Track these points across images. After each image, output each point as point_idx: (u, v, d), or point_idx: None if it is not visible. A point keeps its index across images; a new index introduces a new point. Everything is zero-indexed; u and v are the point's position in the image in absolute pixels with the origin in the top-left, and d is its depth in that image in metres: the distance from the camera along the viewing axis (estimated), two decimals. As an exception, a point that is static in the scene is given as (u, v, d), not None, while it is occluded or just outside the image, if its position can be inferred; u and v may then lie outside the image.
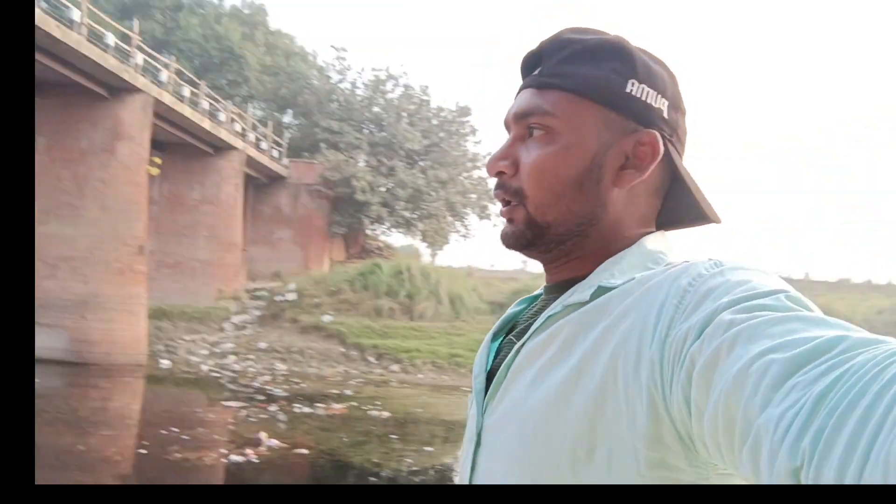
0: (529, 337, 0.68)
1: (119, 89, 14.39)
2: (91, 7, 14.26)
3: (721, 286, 0.54)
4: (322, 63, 27.35)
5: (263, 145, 22.63)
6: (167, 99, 15.90)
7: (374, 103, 25.43)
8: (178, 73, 18.05)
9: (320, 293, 18.89)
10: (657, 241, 0.69)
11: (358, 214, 23.40)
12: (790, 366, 0.43)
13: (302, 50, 30.53)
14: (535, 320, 0.70)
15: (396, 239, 27.87)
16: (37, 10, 10.84)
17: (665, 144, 0.68)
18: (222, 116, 19.33)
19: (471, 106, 26.10)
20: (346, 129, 24.21)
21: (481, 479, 0.68)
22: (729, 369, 0.46)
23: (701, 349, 0.50)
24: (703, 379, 0.49)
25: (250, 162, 20.96)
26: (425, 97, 25.70)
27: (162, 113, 15.98)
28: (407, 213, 24.68)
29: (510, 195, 0.69)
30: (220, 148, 19.40)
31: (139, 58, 15.31)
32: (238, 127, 20.79)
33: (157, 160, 16.59)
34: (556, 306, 0.66)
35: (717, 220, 0.72)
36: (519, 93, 0.72)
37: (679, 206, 0.71)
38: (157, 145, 17.32)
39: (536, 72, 0.70)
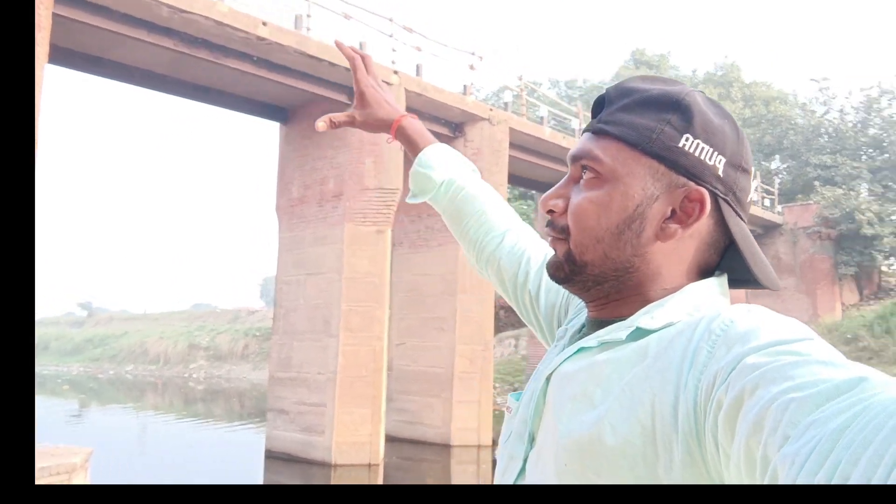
0: (560, 364, 0.75)
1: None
2: (586, 113, 18.68)
3: (750, 332, 0.58)
4: (804, 100, 27.80)
5: (753, 197, 23.98)
6: None
7: (869, 125, 24.64)
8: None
9: (835, 342, 18.48)
10: (703, 289, 0.71)
11: (868, 251, 22.56)
12: (809, 404, 0.45)
13: (780, 93, 31.63)
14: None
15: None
16: (545, 128, 15.01)
17: (718, 202, 0.71)
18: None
19: None
20: (841, 161, 23.89)
21: None
22: (750, 411, 0.49)
23: (727, 393, 0.53)
24: (728, 422, 0.52)
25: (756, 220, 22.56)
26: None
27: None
28: (931, 241, 22.68)
29: (557, 232, 0.76)
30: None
31: None
32: (755, 197, 22.59)
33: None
34: (590, 340, 0.72)
35: (773, 287, 0.75)
36: (582, 134, 0.78)
37: (736, 266, 0.74)
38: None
39: (598, 117, 0.75)
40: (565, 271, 0.76)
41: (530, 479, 0.73)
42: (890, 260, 23.43)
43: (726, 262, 0.75)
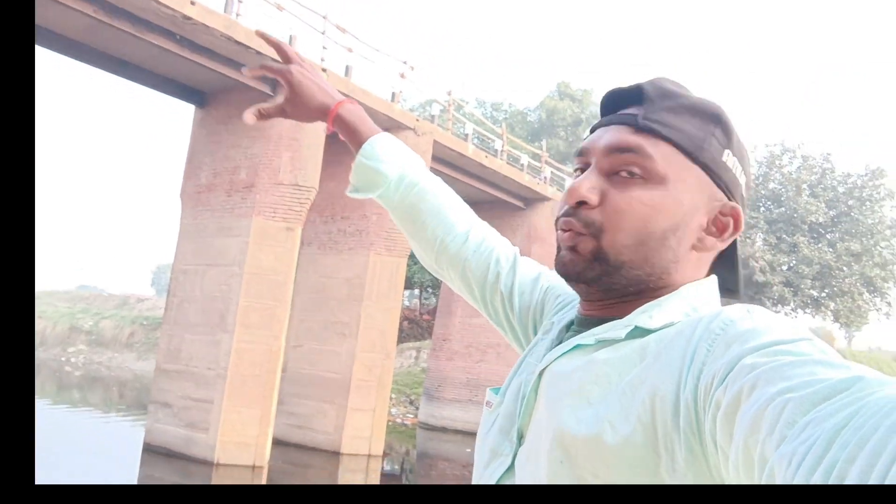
0: (554, 361, 0.74)
1: (532, 200, 18.20)
2: (509, 136, 19.08)
3: (748, 332, 0.58)
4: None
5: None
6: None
7: (770, 179, 25.88)
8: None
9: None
10: (700, 290, 0.73)
11: (758, 296, 23.45)
12: (806, 404, 0.45)
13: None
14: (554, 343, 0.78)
15: (804, 321, 27.24)
16: (469, 145, 15.23)
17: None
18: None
19: (885, 167, 24.66)
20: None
21: None
22: (748, 411, 0.49)
23: (724, 393, 0.53)
24: (727, 423, 0.52)
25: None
26: (828, 164, 25.33)
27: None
28: (814, 293, 24.29)
29: (583, 226, 0.72)
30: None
31: (547, 171, 19.43)
32: None
33: (564, 256, 20.42)
34: (587, 338, 0.72)
35: (742, 295, 0.79)
36: (604, 125, 0.76)
37: (719, 275, 0.77)
38: (564, 244, 21.21)
39: (636, 111, 0.73)
40: (595, 271, 0.73)
41: (520, 476, 0.73)
42: (777, 307, 24.71)
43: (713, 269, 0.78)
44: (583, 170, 0.77)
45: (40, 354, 31.42)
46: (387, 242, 13.03)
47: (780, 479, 0.43)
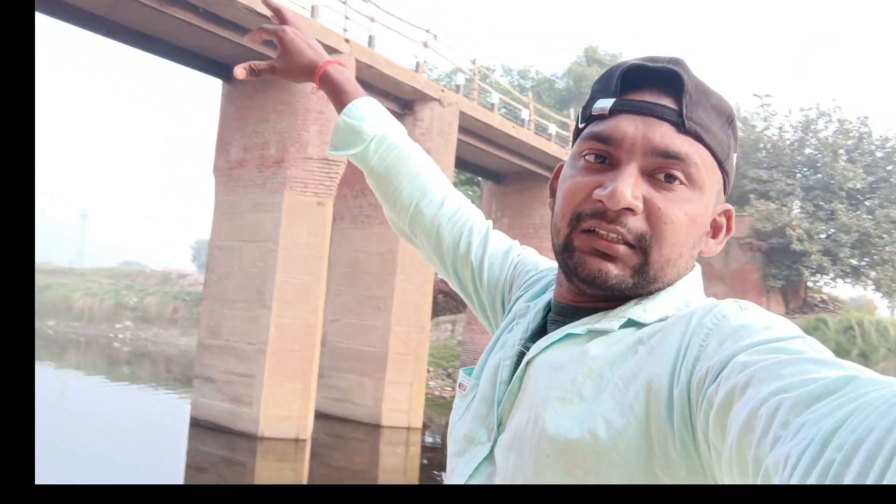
0: (543, 350, 0.70)
1: None
2: (536, 105, 18.79)
3: (741, 328, 0.57)
4: (745, 114, 28.50)
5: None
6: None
7: (806, 145, 25.43)
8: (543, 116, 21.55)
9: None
10: (690, 284, 0.71)
11: (796, 266, 23.26)
12: (800, 404, 0.44)
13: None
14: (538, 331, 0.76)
15: (844, 290, 26.63)
16: (496, 115, 15.09)
17: None
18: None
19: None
20: (776, 177, 24.62)
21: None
22: (741, 411, 0.48)
23: (717, 391, 0.52)
24: (719, 421, 0.51)
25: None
26: (865, 129, 24.76)
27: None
28: (854, 261, 23.69)
29: (634, 237, 0.66)
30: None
31: None
32: None
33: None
34: (578, 327, 0.69)
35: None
36: (636, 112, 0.68)
37: None
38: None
39: (673, 105, 0.67)
40: (628, 284, 0.68)
41: (501, 467, 0.70)
42: (816, 276, 24.28)
43: None
44: (597, 155, 0.70)
45: (89, 331, 32.14)
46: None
47: (776, 481, 0.42)
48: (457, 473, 0.73)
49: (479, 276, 0.96)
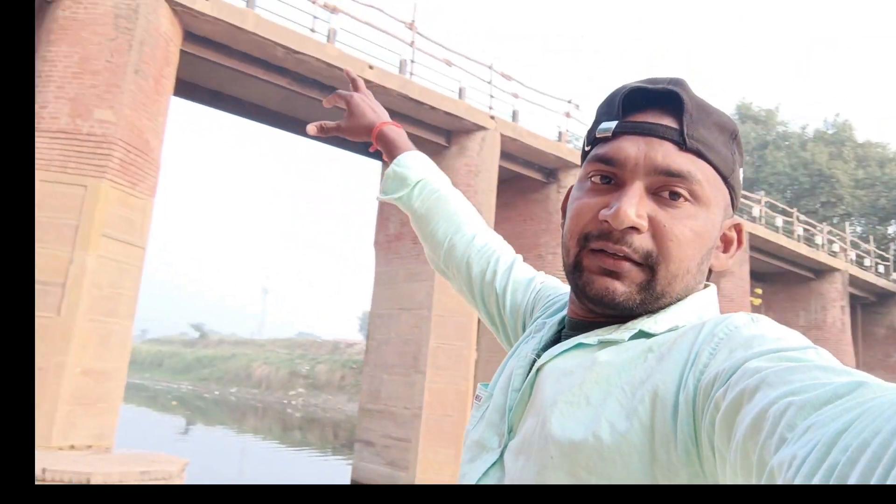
0: (554, 358, 0.71)
1: None
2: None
3: (753, 338, 0.57)
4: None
5: (866, 262, 22.79)
6: (761, 232, 18.08)
7: None
8: (771, 206, 20.47)
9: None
10: (705, 297, 0.71)
11: None
12: (808, 407, 0.44)
13: (897, 155, 29.75)
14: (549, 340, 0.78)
15: None
16: None
17: None
18: (818, 239, 20.62)
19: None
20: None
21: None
22: (748, 414, 0.48)
23: (725, 395, 0.52)
24: (726, 424, 0.51)
25: (854, 281, 21.34)
26: None
27: (759, 246, 18.31)
28: None
29: (640, 255, 0.67)
30: (821, 271, 20.46)
31: None
32: (836, 247, 21.58)
33: (759, 291, 19.03)
34: (590, 338, 0.69)
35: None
36: (636, 133, 0.69)
37: None
38: (757, 276, 19.81)
39: (674, 124, 0.68)
40: (636, 301, 0.68)
41: (509, 470, 0.70)
42: None
43: None
44: (603, 176, 0.71)
45: (266, 397, 34.13)
46: (564, 281, 12.73)
47: (779, 482, 0.42)
48: (467, 479, 0.74)
49: (503, 302, 0.99)
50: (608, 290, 0.68)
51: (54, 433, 7.11)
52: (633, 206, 0.66)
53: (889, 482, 0.34)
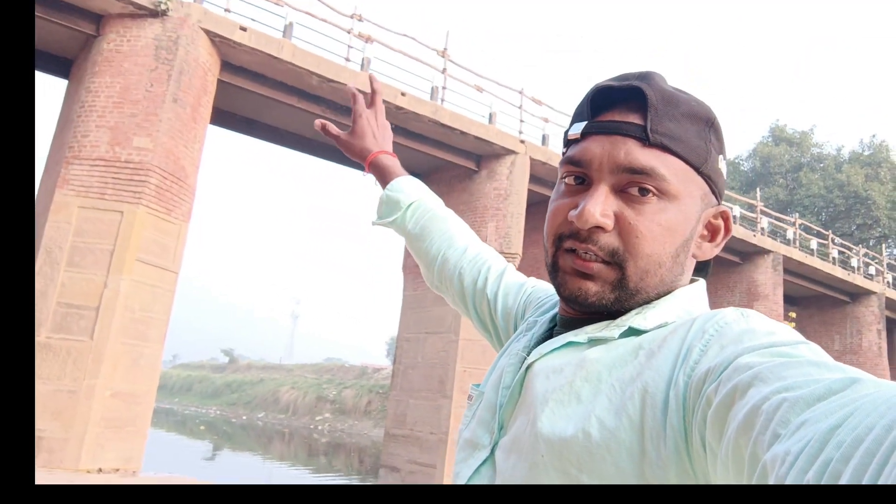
0: (544, 356, 0.72)
1: (750, 254, 17.20)
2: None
3: (744, 333, 0.57)
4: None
5: (904, 285, 22.38)
6: (796, 255, 17.89)
7: None
8: (805, 229, 20.25)
9: None
10: (694, 292, 0.72)
11: None
12: (801, 404, 0.44)
13: (936, 176, 29.26)
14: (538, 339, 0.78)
15: None
16: None
17: None
18: (854, 262, 20.29)
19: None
20: None
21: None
22: (741, 409, 0.48)
23: (717, 390, 0.52)
24: (717, 420, 0.51)
25: (891, 304, 20.99)
26: None
27: (793, 269, 18.09)
28: None
29: (605, 254, 0.68)
30: (856, 294, 20.18)
31: (764, 222, 18.12)
32: (872, 270, 21.27)
33: (793, 314, 18.77)
34: (580, 335, 0.70)
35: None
36: (601, 132, 0.70)
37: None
38: (791, 300, 19.57)
39: (639, 120, 0.69)
40: (609, 300, 0.69)
41: (500, 468, 0.70)
42: None
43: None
44: (576, 177, 0.72)
45: (293, 422, 34.24)
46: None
47: (772, 478, 0.42)
48: (459, 477, 0.75)
49: (494, 307, 1.01)
50: (581, 291, 0.69)
51: (83, 455, 7.27)
52: (598, 206, 0.68)
53: (883, 478, 0.34)
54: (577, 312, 0.74)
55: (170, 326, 8.49)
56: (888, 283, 21.56)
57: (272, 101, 9.70)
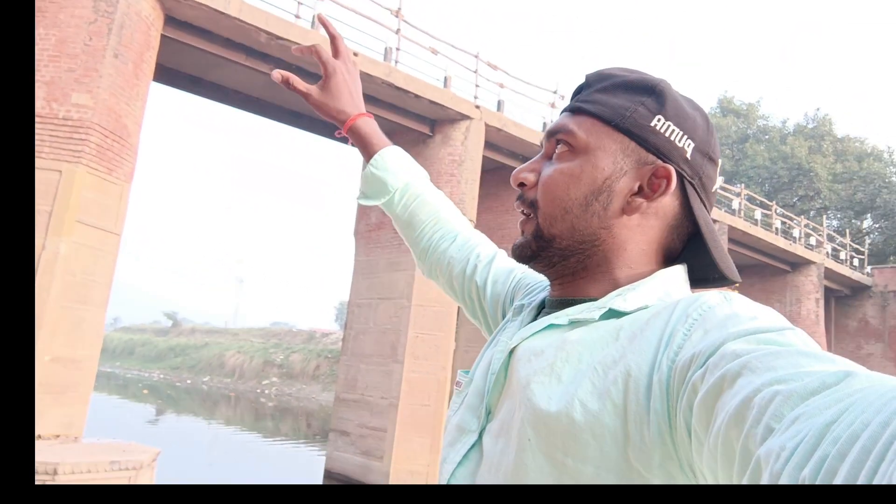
0: (526, 340, 0.73)
1: None
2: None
3: (730, 317, 0.57)
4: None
5: (842, 255, 23.23)
6: (740, 224, 18.29)
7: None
8: (749, 199, 20.77)
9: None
10: (674, 275, 0.72)
11: None
12: (794, 398, 0.44)
13: (875, 150, 30.47)
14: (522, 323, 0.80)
15: None
16: None
17: (684, 185, 0.73)
18: (796, 233, 20.92)
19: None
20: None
21: (468, 477, 0.72)
22: (731, 400, 0.48)
23: (704, 378, 0.52)
24: (705, 409, 0.51)
25: (829, 274, 21.74)
26: None
27: (737, 238, 18.57)
28: None
29: (526, 206, 0.76)
30: (797, 264, 20.84)
31: None
32: (813, 240, 22.01)
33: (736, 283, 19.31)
34: (561, 318, 0.71)
35: (734, 279, 0.76)
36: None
37: (700, 263, 0.75)
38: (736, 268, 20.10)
39: (575, 98, 0.77)
40: (532, 249, 0.76)
41: (487, 453, 0.72)
42: None
43: (688, 254, 0.76)
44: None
45: (239, 386, 34.01)
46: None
47: (767, 473, 0.41)
48: (448, 461, 0.76)
49: (483, 293, 1.02)
50: (516, 245, 0.78)
51: (25, 422, 7.11)
52: (525, 167, 0.78)
53: (879, 475, 0.34)
54: (561, 292, 0.77)
55: (112, 289, 8.28)
56: (827, 253, 22.33)
57: (218, 58, 9.39)
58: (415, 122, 11.38)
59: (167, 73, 10.07)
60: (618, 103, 0.74)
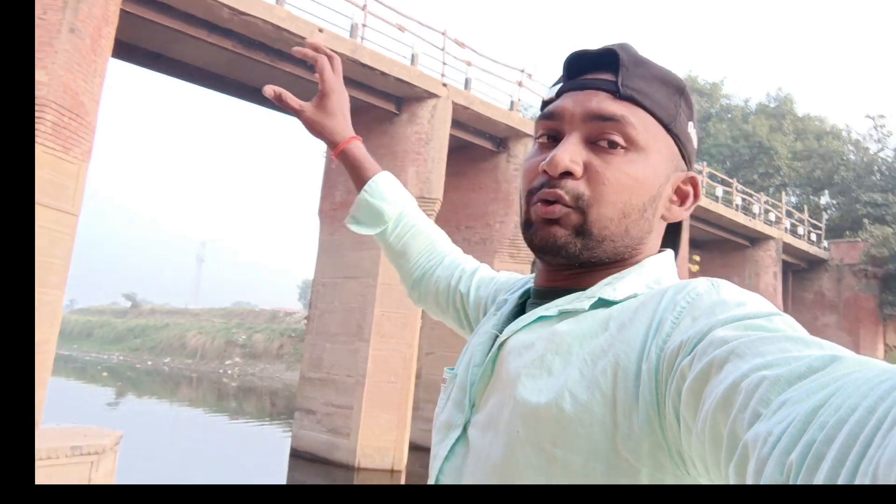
0: (516, 333, 0.73)
1: None
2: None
3: (717, 304, 0.58)
4: (858, 136, 27.24)
5: (800, 230, 23.76)
6: (702, 201, 18.45)
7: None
8: (711, 177, 21.11)
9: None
10: (661, 262, 0.73)
11: None
12: (781, 382, 0.44)
13: (834, 128, 31.11)
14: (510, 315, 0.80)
15: None
16: None
17: None
18: (756, 209, 21.30)
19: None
20: (892, 200, 23.44)
21: (455, 471, 0.73)
22: (718, 386, 0.48)
23: (692, 364, 0.52)
24: (693, 395, 0.51)
25: (787, 248, 22.20)
26: None
27: (699, 214, 18.81)
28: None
29: (572, 198, 0.69)
30: (756, 239, 21.25)
31: None
32: (772, 216, 22.45)
33: (697, 258, 19.67)
34: (550, 309, 0.71)
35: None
36: (575, 89, 0.73)
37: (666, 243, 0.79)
38: (696, 244, 20.53)
39: (611, 77, 0.71)
40: (577, 246, 0.70)
41: (474, 446, 0.72)
42: None
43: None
44: (549, 136, 0.75)
45: (201, 367, 33.73)
46: (511, 249, 13.06)
47: (754, 458, 0.42)
48: (437, 458, 0.76)
49: (467, 300, 1.04)
50: (550, 235, 0.70)
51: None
52: (568, 153, 0.70)
53: (866, 461, 0.35)
54: (556, 278, 0.75)
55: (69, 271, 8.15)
56: (786, 228, 22.77)
57: (180, 33, 9.21)
58: (381, 99, 11.32)
59: (127, 49, 9.84)
60: (665, 102, 0.72)
